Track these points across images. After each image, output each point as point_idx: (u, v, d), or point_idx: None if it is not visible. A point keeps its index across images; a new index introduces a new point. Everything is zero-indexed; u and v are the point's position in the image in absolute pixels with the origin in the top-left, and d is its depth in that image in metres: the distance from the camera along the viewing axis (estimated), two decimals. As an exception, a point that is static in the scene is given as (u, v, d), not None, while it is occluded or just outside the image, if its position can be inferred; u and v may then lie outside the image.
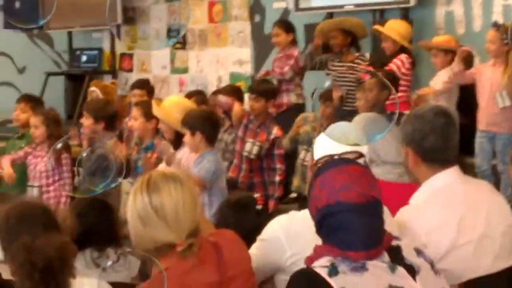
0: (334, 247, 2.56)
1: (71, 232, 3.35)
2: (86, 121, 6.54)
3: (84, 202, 3.90)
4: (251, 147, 6.78)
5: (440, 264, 3.12)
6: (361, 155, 3.24)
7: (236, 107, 7.10)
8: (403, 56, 7.37)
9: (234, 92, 7.61)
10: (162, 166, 5.48)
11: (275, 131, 6.87)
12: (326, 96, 7.21)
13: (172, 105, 5.94)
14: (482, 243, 3.29)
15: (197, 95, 8.11)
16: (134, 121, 6.32)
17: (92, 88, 7.73)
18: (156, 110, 5.99)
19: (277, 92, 7.35)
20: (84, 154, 5.99)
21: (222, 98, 7.34)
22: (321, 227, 2.63)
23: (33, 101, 7.32)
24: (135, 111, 6.34)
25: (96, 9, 10.97)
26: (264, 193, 6.66)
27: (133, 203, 2.75)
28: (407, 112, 4.03)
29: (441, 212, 3.31)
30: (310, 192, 2.68)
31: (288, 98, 8.01)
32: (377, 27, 7.75)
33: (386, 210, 3.25)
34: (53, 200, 6.31)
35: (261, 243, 3.23)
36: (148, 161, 5.82)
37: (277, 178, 6.77)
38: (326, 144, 3.27)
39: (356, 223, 2.56)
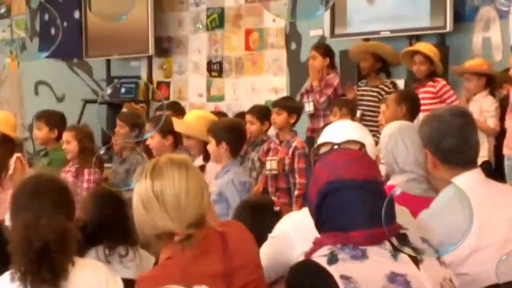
0: (335, 232, 2.48)
1: (88, 216, 3.49)
2: (121, 129, 6.98)
3: (104, 193, 3.85)
4: (270, 164, 6.61)
5: (462, 268, 3.08)
6: (362, 145, 3.20)
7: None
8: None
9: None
10: None
11: (295, 143, 6.66)
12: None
13: (195, 118, 5.94)
14: (506, 247, 3.14)
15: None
16: (150, 140, 6.30)
17: (124, 109, 7.83)
18: (178, 126, 5.97)
19: (301, 109, 7.18)
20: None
21: None
22: (321, 211, 2.52)
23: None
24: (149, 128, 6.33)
25: (134, 37, 11.05)
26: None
27: (137, 187, 2.72)
28: None
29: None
30: (309, 180, 2.61)
31: (324, 123, 7.90)
32: (412, 47, 7.62)
33: (407, 211, 3.16)
34: None
35: (272, 240, 3.19)
36: None
37: (296, 193, 6.50)
38: (330, 135, 3.28)
39: (359, 199, 2.47)
